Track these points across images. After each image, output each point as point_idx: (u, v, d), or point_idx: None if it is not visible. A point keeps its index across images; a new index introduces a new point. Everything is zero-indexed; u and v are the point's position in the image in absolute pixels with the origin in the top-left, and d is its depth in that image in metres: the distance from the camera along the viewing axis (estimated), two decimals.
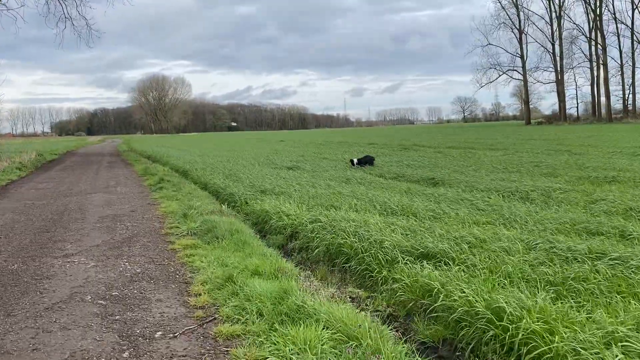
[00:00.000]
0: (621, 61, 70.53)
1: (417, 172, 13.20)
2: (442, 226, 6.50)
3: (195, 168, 17.67)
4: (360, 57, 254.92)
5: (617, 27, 70.13)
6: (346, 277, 5.60)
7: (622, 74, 70.99)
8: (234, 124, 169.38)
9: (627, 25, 69.38)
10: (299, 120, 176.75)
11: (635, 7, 67.93)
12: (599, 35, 70.16)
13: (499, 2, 76.60)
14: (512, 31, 78.63)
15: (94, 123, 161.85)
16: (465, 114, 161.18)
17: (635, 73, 70.04)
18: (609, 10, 69.98)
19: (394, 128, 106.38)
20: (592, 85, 74.08)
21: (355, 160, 15.97)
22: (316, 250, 6.40)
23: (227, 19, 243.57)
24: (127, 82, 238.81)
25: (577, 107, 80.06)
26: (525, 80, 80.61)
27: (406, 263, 5.09)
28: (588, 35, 72.02)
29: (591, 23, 71.53)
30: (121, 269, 5.88)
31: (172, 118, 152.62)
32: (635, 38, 68.44)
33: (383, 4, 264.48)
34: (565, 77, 75.90)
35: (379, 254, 5.43)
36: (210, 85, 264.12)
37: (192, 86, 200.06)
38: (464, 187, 10.28)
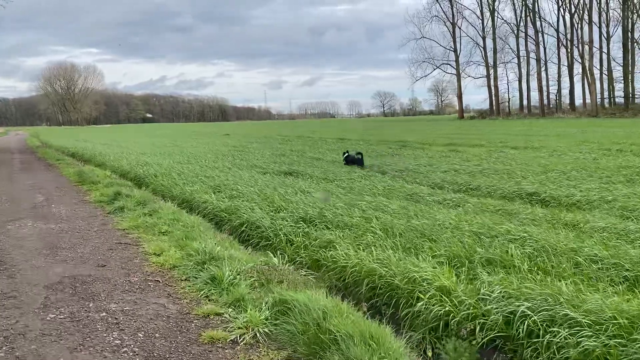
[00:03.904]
0: (545, 57, 71.83)
1: (486, 182, 9.68)
2: None
3: (154, 174, 13.10)
4: (278, 49, 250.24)
5: (541, 25, 71.27)
6: None
7: (546, 70, 72.35)
8: (149, 115, 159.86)
9: (550, 23, 70.77)
10: (219, 111, 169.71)
11: (560, 5, 69.23)
12: (529, 30, 71.00)
13: None
14: (445, 24, 78.13)
15: None
16: (385, 109, 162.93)
17: (561, 70, 71.67)
18: (531, 9, 70.77)
19: (327, 121, 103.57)
20: (519, 80, 75.09)
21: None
22: None
23: (138, 5, 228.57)
24: (29, 70, 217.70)
25: (508, 102, 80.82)
26: (458, 75, 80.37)
27: None
28: (516, 31, 72.66)
29: (518, 19, 72.28)
30: None
31: (82, 109, 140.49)
32: (559, 36, 69.79)
33: None
34: (498, 72, 76.35)
35: None
36: (122, 74, 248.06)
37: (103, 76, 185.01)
38: (621, 212, 6.88)
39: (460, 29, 77.63)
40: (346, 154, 14.34)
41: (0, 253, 6.26)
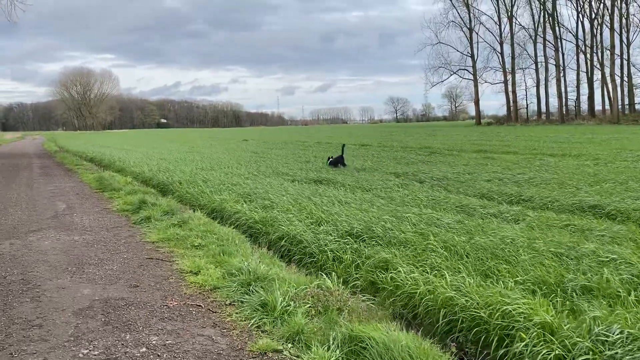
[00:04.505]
0: (564, 63, 70.61)
1: (538, 192, 8.94)
2: None
3: (179, 181, 12.57)
4: (291, 55, 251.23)
5: (559, 30, 70.08)
6: None
7: (564, 76, 71.08)
8: (164, 120, 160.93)
9: (569, 29, 69.58)
10: (232, 117, 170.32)
11: (579, 10, 68.13)
12: (548, 35, 69.88)
13: (450, 0, 74.91)
14: (462, 30, 77.27)
15: (9, 118, 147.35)
16: (397, 115, 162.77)
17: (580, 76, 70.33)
18: (550, 14, 69.61)
19: (342, 127, 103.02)
20: (537, 86, 73.91)
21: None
22: None
23: (153, 11, 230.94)
24: (46, 75, 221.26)
25: (526, 108, 79.51)
26: (475, 80, 79.33)
27: None
28: (534, 37, 71.61)
29: (536, 24, 71.18)
30: None
31: (97, 114, 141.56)
32: (578, 42, 68.54)
33: (313, 2, 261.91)
34: (517, 78, 75.25)
35: None
36: (136, 80, 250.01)
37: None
38: None
39: (477, 34, 76.83)
40: (330, 158, 15.78)
41: (24, 270, 5.70)
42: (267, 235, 7.26)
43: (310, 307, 4.40)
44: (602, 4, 65.08)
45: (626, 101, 64.80)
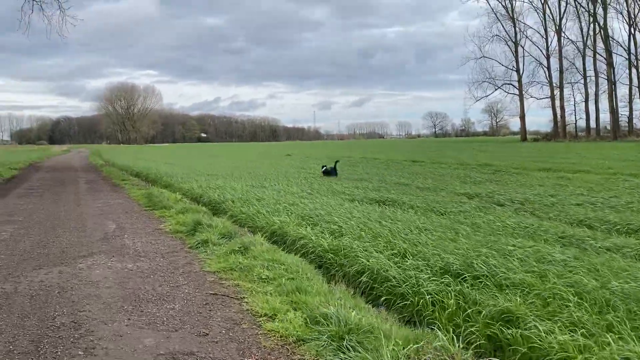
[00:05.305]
0: (614, 78, 67.65)
1: None
2: None
3: (232, 199, 11.80)
4: (328, 70, 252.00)
5: (609, 44, 67.24)
6: None
7: (615, 91, 68.03)
8: (204, 135, 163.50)
9: (619, 42, 66.72)
10: (270, 132, 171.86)
11: (631, 24, 65.40)
12: (598, 49, 67.24)
13: (495, 15, 73.25)
14: (507, 44, 75.29)
15: (56, 132, 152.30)
16: (436, 130, 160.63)
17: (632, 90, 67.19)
18: (602, 27, 66.94)
19: (383, 142, 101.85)
20: (586, 101, 71.02)
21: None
22: None
23: (194, 29, 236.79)
24: (91, 91, 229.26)
25: (575, 124, 76.50)
26: (521, 95, 77.02)
27: None
28: (583, 50, 69.05)
29: (585, 38, 68.61)
30: None
31: (140, 128, 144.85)
32: (630, 56, 65.59)
33: (352, 19, 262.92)
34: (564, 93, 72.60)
35: None
36: (178, 95, 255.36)
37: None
38: None
39: (523, 48, 74.76)
40: (324, 167, 18.26)
41: (74, 308, 4.92)
42: (342, 268, 6.33)
43: None
44: None
45: None
